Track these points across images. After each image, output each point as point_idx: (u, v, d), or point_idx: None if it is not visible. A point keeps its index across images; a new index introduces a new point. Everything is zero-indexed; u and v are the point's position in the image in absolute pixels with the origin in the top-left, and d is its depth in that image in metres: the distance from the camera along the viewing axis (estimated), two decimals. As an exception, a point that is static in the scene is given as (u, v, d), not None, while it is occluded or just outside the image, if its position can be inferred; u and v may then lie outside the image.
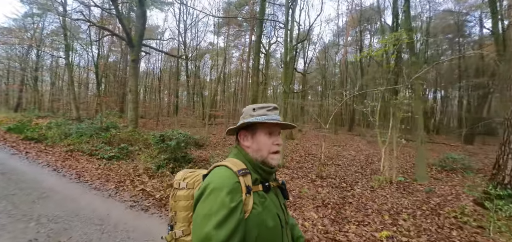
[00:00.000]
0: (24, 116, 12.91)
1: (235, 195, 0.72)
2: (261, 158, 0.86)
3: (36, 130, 9.67)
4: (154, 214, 3.33)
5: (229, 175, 0.76)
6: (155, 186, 4.60)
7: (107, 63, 16.05)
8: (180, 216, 0.87)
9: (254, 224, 0.74)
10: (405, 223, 3.49)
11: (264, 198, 0.81)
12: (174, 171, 5.89)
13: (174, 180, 0.93)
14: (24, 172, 5.02)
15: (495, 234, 3.15)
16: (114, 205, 3.48)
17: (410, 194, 4.88)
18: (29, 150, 7.18)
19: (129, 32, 9.57)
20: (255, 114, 0.88)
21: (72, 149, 7.52)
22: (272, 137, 0.88)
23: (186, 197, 0.88)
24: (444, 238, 3.11)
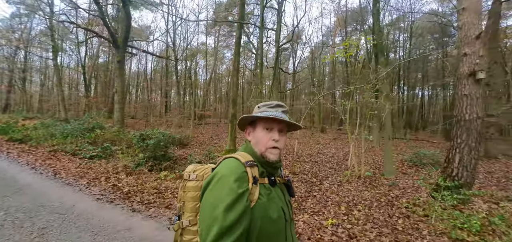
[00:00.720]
0: (11, 118, 12.91)
1: (242, 183, 0.75)
2: (259, 152, 0.89)
3: (21, 131, 9.73)
4: (118, 205, 3.54)
5: (237, 165, 0.79)
6: (130, 183, 4.79)
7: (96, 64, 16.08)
8: (188, 206, 0.89)
9: (259, 214, 0.76)
10: (358, 213, 3.76)
11: (269, 191, 0.83)
12: (153, 169, 6.08)
13: (185, 172, 0.96)
14: (4, 170, 5.17)
15: (436, 221, 3.43)
16: (82, 198, 3.68)
17: (374, 188, 5.17)
18: (12, 150, 7.28)
19: (114, 33, 9.69)
20: (258, 111, 0.92)
21: (56, 149, 7.64)
22: (270, 132, 0.90)
23: (195, 188, 0.90)
24: (389, 225, 3.38)
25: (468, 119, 4.00)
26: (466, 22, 4.12)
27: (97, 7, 9.04)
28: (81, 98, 13.48)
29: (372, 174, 6.01)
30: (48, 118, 12.97)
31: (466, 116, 4.02)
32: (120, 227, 2.88)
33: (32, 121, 13.57)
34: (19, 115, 13.86)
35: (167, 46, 16.08)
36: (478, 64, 3.94)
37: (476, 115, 3.97)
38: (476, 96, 3.98)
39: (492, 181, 6.10)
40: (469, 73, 3.99)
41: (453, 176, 4.09)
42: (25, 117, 13.76)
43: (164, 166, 6.18)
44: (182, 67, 19.91)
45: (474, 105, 3.97)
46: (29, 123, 12.50)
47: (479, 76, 3.91)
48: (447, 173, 4.21)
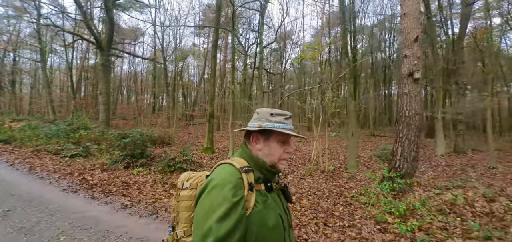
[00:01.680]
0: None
1: (237, 190, 0.72)
2: (270, 162, 0.87)
3: (6, 132, 9.96)
4: (80, 194, 3.88)
5: (231, 171, 0.77)
6: (101, 177, 5.10)
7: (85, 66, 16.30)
8: (182, 216, 0.87)
9: (255, 221, 0.74)
10: (307, 202, 4.12)
11: (266, 197, 0.81)
12: (129, 165, 6.38)
13: (178, 181, 0.93)
14: (-18, 168, 5.45)
15: (372, 207, 3.80)
16: (50, 189, 4.00)
17: (334, 180, 5.54)
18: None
19: (98, 36, 9.96)
20: (273, 120, 0.88)
21: (39, 149, 7.89)
22: (285, 145, 0.89)
23: (189, 197, 0.87)
24: (328, 211, 3.75)
25: (408, 115, 4.38)
26: (406, 27, 4.50)
27: (80, 12, 9.30)
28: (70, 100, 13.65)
29: (337, 168, 6.39)
30: (36, 120, 13.16)
31: (406, 113, 4.40)
32: (76, 210, 3.23)
33: (20, 122, 13.77)
34: (6, 117, 14.02)
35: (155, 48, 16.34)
36: (415, 65, 4.32)
37: (415, 112, 4.35)
38: (414, 94, 4.36)
39: (449, 173, 6.52)
40: (408, 73, 4.38)
41: (396, 167, 4.47)
42: (13, 119, 13.92)
43: (140, 163, 6.49)
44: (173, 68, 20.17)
45: (413, 102, 4.36)
46: (17, 125, 12.69)
47: (416, 76, 4.29)
48: (391, 165, 4.59)
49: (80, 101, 13.95)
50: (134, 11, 18.34)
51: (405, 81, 4.45)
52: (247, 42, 20.95)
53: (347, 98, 6.21)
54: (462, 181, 4.86)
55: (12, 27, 16.27)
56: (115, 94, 24.45)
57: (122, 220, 3.11)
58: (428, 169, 6.92)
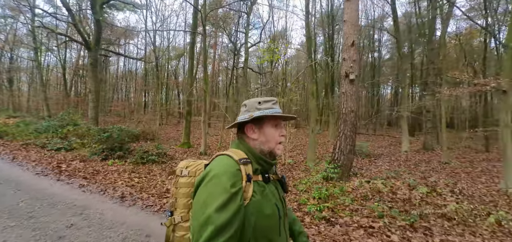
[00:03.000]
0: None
1: (235, 181, 0.74)
2: (268, 149, 0.89)
3: (1, 128, 10.59)
4: (49, 177, 4.53)
5: (230, 163, 0.79)
6: (77, 166, 5.68)
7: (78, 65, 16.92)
8: (180, 202, 0.89)
9: (253, 211, 0.76)
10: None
11: (263, 188, 0.82)
12: (107, 157, 6.95)
13: (177, 168, 0.95)
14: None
15: (304, 193, 4.32)
16: (25, 174, 4.65)
17: (288, 171, 6.07)
18: (-15, 143, 8.15)
19: (86, 37, 10.52)
20: (262, 108, 0.91)
21: (28, 143, 8.49)
22: (278, 128, 0.92)
23: (187, 184, 0.90)
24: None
25: (345, 113, 4.89)
26: (346, 32, 5.01)
27: (69, 15, 9.87)
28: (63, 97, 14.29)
29: (298, 162, 6.91)
30: (31, 116, 13.81)
31: (343, 110, 4.91)
32: (40, 187, 3.89)
33: (16, 119, 14.43)
34: (3, 114, 14.69)
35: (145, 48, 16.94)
36: (351, 67, 4.83)
37: (350, 109, 4.86)
38: (350, 93, 4.87)
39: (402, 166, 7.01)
40: (345, 75, 4.88)
41: (334, 159, 5.00)
42: (9, 115, 14.59)
43: (116, 155, 7.05)
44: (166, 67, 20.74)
45: (349, 101, 4.86)
46: (13, 121, 13.34)
47: (351, 77, 4.80)
48: (332, 158, 5.11)
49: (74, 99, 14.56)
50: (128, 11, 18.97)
51: (343, 82, 4.96)
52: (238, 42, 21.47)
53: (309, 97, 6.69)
54: (395, 173, 5.36)
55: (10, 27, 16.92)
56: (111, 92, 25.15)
57: (74, 195, 3.76)
58: (385, 163, 7.41)
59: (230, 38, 21.71)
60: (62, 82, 20.14)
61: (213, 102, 12.98)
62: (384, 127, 20.69)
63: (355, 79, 4.83)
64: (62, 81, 20.68)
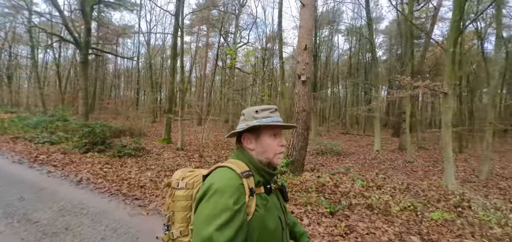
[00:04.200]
0: (-9, 111, 14.34)
1: (239, 197, 0.71)
2: (266, 160, 0.86)
3: (-6, 122, 11.15)
4: (24, 165, 5.07)
5: (232, 177, 0.76)
6: (56, 158, 6.14)
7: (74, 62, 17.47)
8: (178, 216, 0.86)
9: (256, 226, 0.74)
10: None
11: (266, 200, 0.80)
12: (88, 151, 7.40)
13: (172, 179, 0.92)
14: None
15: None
16: (3, 162, 5.13)
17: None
18: (-23, 136, 8.69)
19: (77, 37, 11.02)
20: (259, 116, 0.87)
21: (18, 137, 9.01)
22: (276, 138, 0.89)
23: (185, 197, 0.86)
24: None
25: (297, 111, 5.27)
26: (300, 37, 5.38)
27: (60, 16, 10.36)
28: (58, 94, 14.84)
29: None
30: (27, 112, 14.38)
31: (296, 109, 5.29)
32: (12, 173, 4.37)
33: (13, 114, 15.04)
34: (1, 109, 15.30)
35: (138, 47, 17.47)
36: (304, 69, 5.20)
37: (302, 109, 5.24)
38: (302, 94, 5.24)
39: (366, 165, 7.35)
40: (298, 76, 5.26)
41: (288, 155, 5.38)
42: (7, 111, 15.18)
43: (97, 149, 7.51)
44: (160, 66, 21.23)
45: (301, 100, 5.24)
46: (9, 116, 13.93)
47: (303, 78, 5.17)
48: (286, 153, 5.49)
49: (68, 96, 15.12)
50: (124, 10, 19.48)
51: (297, 83, 5.33)
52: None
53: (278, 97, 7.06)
54: (345, 169, 5.72)
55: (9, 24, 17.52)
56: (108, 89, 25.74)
57: (39, 179, 4.26)
58: (351, 161, 7.76)
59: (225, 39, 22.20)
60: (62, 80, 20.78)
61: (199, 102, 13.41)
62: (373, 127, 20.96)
63: (307, 80, 5.20)
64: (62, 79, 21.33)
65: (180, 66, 8.85)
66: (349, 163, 7.42)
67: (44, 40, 17.09)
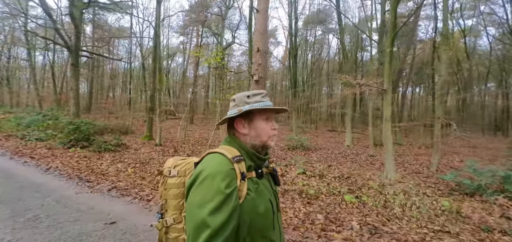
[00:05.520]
0: (-10, 112, 15.13)
1: (230, 181, 0.72)
2: (260, 143, 0.87)
3: (-11, 122, 11.88)
4: (6, 158, 5.63)
5: (223, 161, 0.76)
6: (40, 152, 6.75)
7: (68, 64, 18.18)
8: (171, 204, 0.87)
9: (248, 209, 0.75)
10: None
11: (257, 184, 0.81)
12: (72, 146, 8.00)
13: (164, 167, 0.91)
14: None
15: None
16: None
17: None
18: (-27, 134, 9.38)
19: (67, 41, 11.65)
20: (251, 101, 0.88)
21: (11, 134, 9.68)
22: (269, 121, 0.90)
23: (177, 185, 0.87)
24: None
25: (252, 108, 5.77)
26: (254, 39, 5.87)
27: (51, 20, 11.00)
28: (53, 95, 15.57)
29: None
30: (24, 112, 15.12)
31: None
32: None
33: (12, 114, 15.82)
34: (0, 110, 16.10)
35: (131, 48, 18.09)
36: (256, 69, 5.69)
37: (256, 105, 5.74)
38: (256, 92, 5.74)
39: (329, 159, 7.82)
40: (252, 76, 5.75)
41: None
42: (5, 111, 15.96)
43: (80, 145, 8.11)
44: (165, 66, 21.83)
45: (255, 98, 5.74)
46: (7, 116, 14.69)
47: (255, 78, 5.66)
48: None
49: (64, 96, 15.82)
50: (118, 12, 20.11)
51: (252, 82, 5.83)
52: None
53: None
54: (294, 160, 6.21)
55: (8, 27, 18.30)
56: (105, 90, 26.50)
57: (14, 167, 4.88)
58: (317, 154, 8.23)
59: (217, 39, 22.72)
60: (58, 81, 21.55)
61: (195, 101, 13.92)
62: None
63: (260, 80, 5.69)
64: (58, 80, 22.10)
65: (158, 68, 9.39)
66: (314, 157, 7.89)
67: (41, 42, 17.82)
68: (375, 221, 3.34)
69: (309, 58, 24.23)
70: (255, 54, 5.78)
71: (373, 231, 3.04)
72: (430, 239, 2.91)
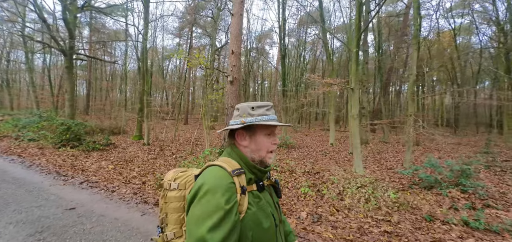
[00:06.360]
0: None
1: (230, 196, 0.71)
2: (258, 158, 0.85)
3: (-14, 123, 12.32)
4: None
5: (223, 175, 0.75)
6: (31, 151, 7.09)
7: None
8: (171, 218, 0.85)
9: (249, 224, 0.74)
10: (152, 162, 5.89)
11: (258, 198, 0.80)
12: (62, 146, 8.34)
13: (164, 180, 0.90)
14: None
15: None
16: None
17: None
18: (-30, 135, 9.78)
19: (62, 44, 12.03)
20: (255, 114, 0.86)
21: (6, 135, 10.07)
22: (271, 136, 0.88)
23: (178, 199, 0.85)
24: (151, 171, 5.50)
25: (227, 108, 6.04)
26: (230, 43, 6.14)
27: (45, 25, 11.39)
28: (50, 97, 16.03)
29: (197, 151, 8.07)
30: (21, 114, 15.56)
31: (226, 106, 6.06)
32: None
33: (11, 116, 16.30)
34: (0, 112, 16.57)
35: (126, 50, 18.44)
36: (231, 71, 5.97)
37: (231, 105, 6.00)
38: (230, 92, 6.00)
39: (308, 155, 8.06)
40: (226, 77, 6.03)
41: (221, 146, 6.15)
42: (5, 113, 16.43)
43: (71, 145, 8.45)
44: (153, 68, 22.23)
45: (230, 98, 6.00)
46: (7, 118, 15.15)
47: (230, 79, 5.94)
48: (221, 145, 6.27)
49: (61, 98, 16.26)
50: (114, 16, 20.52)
51: (227, 83, 6.10)
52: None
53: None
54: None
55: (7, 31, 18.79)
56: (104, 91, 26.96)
57: (2, 165, 5.14)
58: (297, 152, 8.48)
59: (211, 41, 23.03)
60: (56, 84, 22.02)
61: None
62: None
63: (234, 80, 5.96)
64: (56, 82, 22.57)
65: (144, 68, 9.72)
66: (294, 155, 8.14)
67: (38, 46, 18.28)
68: (325, 212, 3.59)
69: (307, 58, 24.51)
70: (230, 56, 6.06)
71: (316, 219, 3.29)
72: (368, 227, 3.15)
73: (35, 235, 2.38)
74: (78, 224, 2.65)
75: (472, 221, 3.38)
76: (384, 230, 3.03)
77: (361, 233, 2.93)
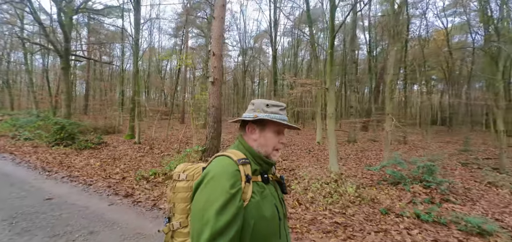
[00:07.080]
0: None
1: (235, 182, 0.74)
2: (265, 153, 0.89)
3: (-15, 123, 12.70)
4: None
5: (229, 163, 0.79)
6: (24, 149, 7.41)
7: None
8: (178, 207, 0.88)
9: (252, 213, 0.75)
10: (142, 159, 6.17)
11: (263, 189, 0.82)
12: (56, 145, 8.66)
13: (174, 172, 0.93)
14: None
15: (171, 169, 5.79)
16: None
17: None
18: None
19: (58, 46, 12.37)
20: (269, 111, 0.90)
21: (3, 135, 10.43)
22: (279, 135, 0.92)
23: (186, 189, 0.87)
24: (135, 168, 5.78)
25: (209, 107, 6.31)
26: (212, 45, 6.40)
27: (41, 27, 11.74)
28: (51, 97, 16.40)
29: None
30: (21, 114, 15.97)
31: (209, 106, 6.32)
32: None
33: (10, 116, 16.72)
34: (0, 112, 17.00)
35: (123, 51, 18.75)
36: (212, 72, 6.23)
37: (212, 105, 6.27)
38: (212, 92, 6.27)
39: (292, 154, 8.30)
40: (207, 78, 6.29)
41: (204, 143, 6.43)
42: (5, 113, 16.85)
43: (64, 143, 8.77)
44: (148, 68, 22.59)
45: (212, 98, 6.27)
46: (7, 118, 15.56)
47: (211, 79, 6.20)
48: (204, 143, 6.54)
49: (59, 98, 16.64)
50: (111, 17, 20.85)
51: (209, 84, 6.37)
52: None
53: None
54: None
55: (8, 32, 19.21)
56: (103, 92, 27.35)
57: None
58: (285, 149, 8.72)
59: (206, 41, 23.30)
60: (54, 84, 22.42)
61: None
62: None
63: (215, 81, 6.22)
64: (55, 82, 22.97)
65: (134, 68, 10.03)
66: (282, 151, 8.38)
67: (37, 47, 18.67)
68: (288, 205, 3.84)
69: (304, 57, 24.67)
70: (211, 57, 6.32)
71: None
72: (321, 218, 3.40)
73: (8, 219, 2.67)
74: (49, 211, 2.94)
75: (423, 214, 3.61)
76: (335, 221, 3.28)
77: (311, 224, 3.17)
